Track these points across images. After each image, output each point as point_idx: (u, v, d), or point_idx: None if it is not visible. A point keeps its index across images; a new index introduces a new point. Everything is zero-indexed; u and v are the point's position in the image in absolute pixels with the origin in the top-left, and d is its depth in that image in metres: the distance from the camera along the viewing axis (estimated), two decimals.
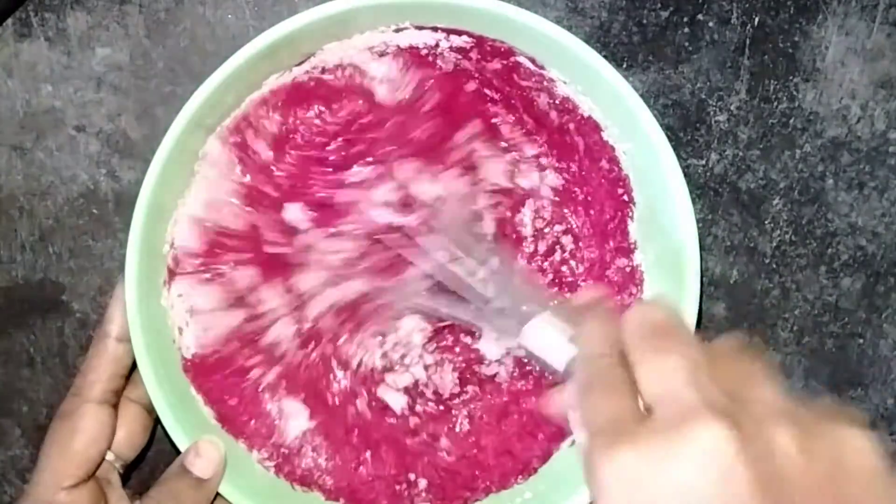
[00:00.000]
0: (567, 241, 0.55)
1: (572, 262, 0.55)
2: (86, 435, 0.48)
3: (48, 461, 0.48)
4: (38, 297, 0.56)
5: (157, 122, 0.55)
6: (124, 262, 0.47)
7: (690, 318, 0.48)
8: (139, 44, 0.55)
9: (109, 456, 0.49)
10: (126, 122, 0.55)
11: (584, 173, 0.53)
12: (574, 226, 0.54)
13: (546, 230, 0.55)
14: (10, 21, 0.54)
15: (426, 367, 0.54)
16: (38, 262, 0.56)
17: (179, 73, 0.55)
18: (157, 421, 0.52)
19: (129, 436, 0.50)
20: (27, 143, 0.55)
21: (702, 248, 0.49)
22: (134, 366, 0.50)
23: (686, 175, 0.48)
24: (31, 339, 0.56)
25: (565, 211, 0.54)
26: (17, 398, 0.56)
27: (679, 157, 0.48)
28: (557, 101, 0.51)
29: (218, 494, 0.49)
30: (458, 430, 0.54)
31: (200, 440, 0.48)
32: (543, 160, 0.54)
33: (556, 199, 0.54)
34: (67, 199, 0.55)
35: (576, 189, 0.54)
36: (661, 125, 0.48)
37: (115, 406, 0.50)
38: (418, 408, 0.54)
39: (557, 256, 0.55)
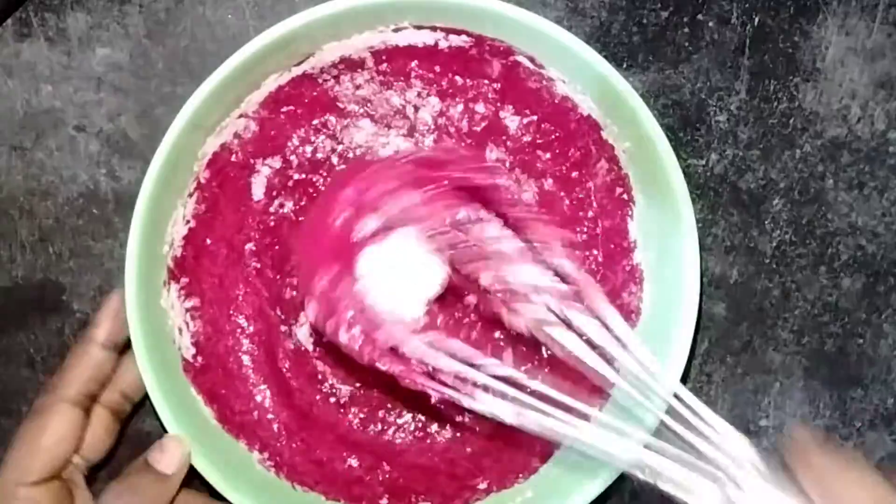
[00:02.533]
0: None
1: None
2: (54, 434, 0.48)
3: (14, 455, 0.48)
4: (38, 297, 0.56)
5: (157, 122, 0.55)
6: (124, 262, 0.47)
7: (690, 319, 0.49)
8: (139, 44, 0.55)
9: (75, 458, 0.49)
10: (126, 122, 0.55)
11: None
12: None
13: None
14: (10, 21, 0.54)
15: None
16: (38, 263, 0.56)
17: (179, 73, 0.55)
18: (123, 425, 0.53)
19: (95, 439, 0.50)
20: (27, 143, 0.55)
21: (702, 247, 0.49)
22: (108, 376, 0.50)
23: (686, 175, 0.48)
24: (32, 340, 0.56)
25: None
26: (18, 398, 0.56)
27: (679, 156, 0.48)
28: (557, 100, 0.51)
29: (218, 495, 0.49)
30: (457, 430, 0.54)
31: (166, 437, 0.48)
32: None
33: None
34: (67, 199, 0.55)
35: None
36: (661, 125, 0.48)
37: (87, 410, 0.50)
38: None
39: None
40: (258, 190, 0.53)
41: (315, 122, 0.54)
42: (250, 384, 0.53)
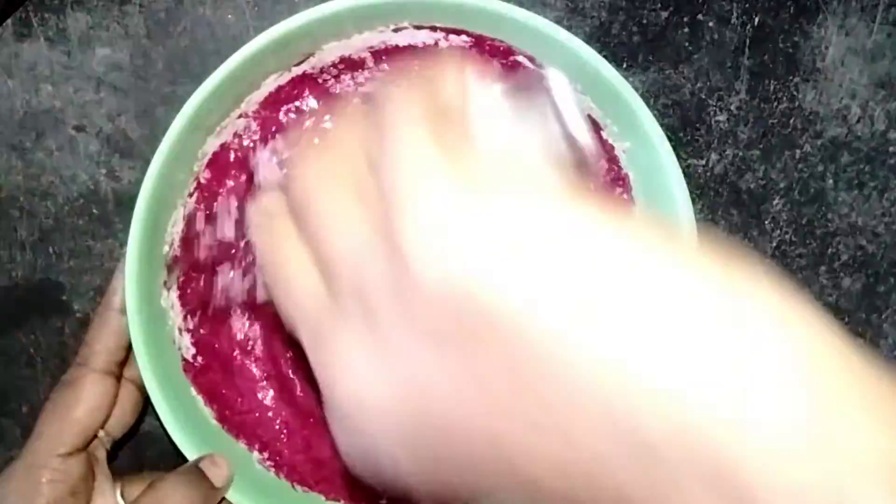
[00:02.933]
0: None
1: None
2: (88, 404, 0.48)
3: (47, 427, 0.48)
4: (38, 297, 0.56)
5: (157, 123, 0.55)
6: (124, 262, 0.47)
7: None
8: (139, 44, 0.54)
9: (100, 432, 0.49)
10: (126, 122, 0.55)
11: None
12: None
13: None
14: (9, 21, 0.54)
15: None
16: (38, 263, 0.55)
17: (179, 73, 0.55)
18: (147, 402, 0.52)
19: (120, 414, 0.50)
20: (27, 143, 0.55)
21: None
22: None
23: (686, 175, 0.48)
24: (32, 340, 0.56)
25: None
26: (17, 398, 0.56)
27: (679, 157, 0.48)
28: None
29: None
30: None
31: (216, 454, 0.49)
32: None
33: None
34: (67, 200, 0.55)
35: None
36: (662, 125, 0.48)
37: (118, 378, 0.50)
38: None
39: None
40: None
41: None
42: (251, 384, 0.53)
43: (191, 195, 0.51)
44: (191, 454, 0.48)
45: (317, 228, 0.34)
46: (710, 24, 0.55)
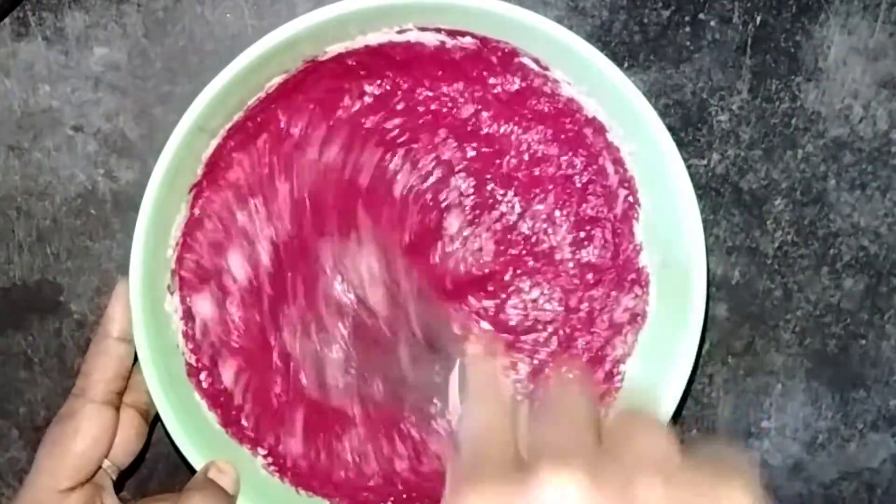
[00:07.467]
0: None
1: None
2: (88, 436, 0.47)
3: (47, 462, 0.47)
4: (35, 298, 0.55)
5: (155, 122, 0.54)
6: (123, 262, 0.47)
7: (697, 321, 0.48)
8: (137, 43, 0.54)
9: (104, 462, 0.49)
10: (124, 121, 0.54)
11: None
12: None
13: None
14: (7, 20, 0.54)
15: None
16: (35, 263, 0.55)
17: (178, 73, 0.54)
18: (152, 426, 0.52)
19: (124, 441, 0.50)
20: (24, 143, 0.54)
21: None
22: (130, 369, 0.50)
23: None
24: (29, 341, 0.56)
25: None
26: (15, 400, 0.56)
27: (680, 156, 0.48)
28: (561, 103, 0.51)
29: None
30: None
31: (219, 461, 0.48)
32: None
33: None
34: (65, 200, 0.55)
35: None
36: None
37: (117, 408, 0.49)
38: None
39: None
40: None
41: None
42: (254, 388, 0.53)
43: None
44: (195, 460, 0.48)
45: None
46: (712, 23, 0.55)
